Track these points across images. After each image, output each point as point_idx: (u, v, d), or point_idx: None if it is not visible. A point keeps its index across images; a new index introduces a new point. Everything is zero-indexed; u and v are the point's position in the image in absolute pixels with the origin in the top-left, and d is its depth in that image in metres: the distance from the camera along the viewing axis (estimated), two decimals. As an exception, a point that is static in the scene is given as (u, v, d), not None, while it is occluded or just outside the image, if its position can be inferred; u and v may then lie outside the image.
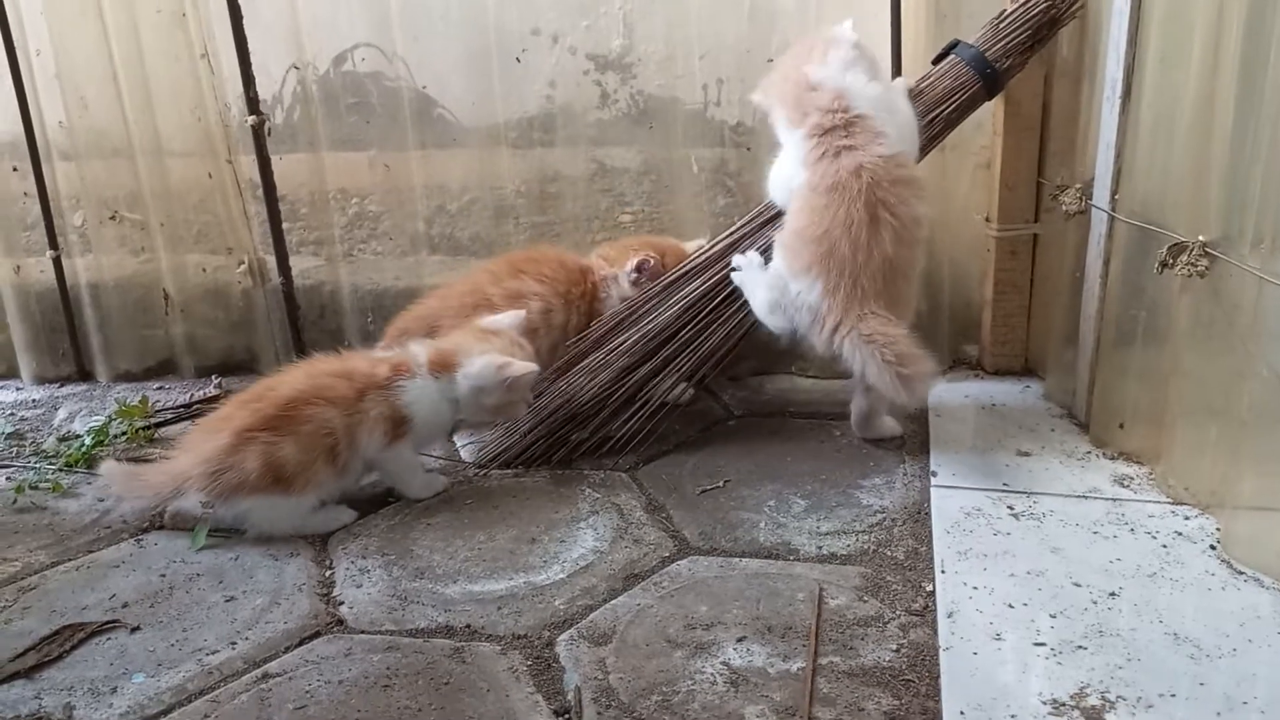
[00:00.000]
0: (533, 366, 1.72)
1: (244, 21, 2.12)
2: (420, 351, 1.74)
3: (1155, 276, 1.58)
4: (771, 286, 1.77)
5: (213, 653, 1.37)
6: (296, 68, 2.24)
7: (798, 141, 1.75)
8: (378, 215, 2.40)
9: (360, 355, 1.78)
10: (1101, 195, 1.74)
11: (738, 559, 1.54)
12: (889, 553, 1.53)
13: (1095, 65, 1.77)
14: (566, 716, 1.22)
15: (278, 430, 1.61)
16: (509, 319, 1.81)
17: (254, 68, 2.19)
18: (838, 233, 1.68)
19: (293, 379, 1.69)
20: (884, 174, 1.67)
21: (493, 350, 1.72)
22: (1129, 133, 1.68)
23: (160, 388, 2.34)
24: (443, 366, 1.72)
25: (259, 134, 2.17)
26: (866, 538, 1.57)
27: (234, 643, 1.39)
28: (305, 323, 2.34)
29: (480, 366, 1.70)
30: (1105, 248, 1.74)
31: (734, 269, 1.84)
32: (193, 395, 2.26)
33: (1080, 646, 1.26)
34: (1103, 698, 1.17)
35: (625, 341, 1.89)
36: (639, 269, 1.96)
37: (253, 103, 2.16)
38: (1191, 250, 1.48)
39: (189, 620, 1.45)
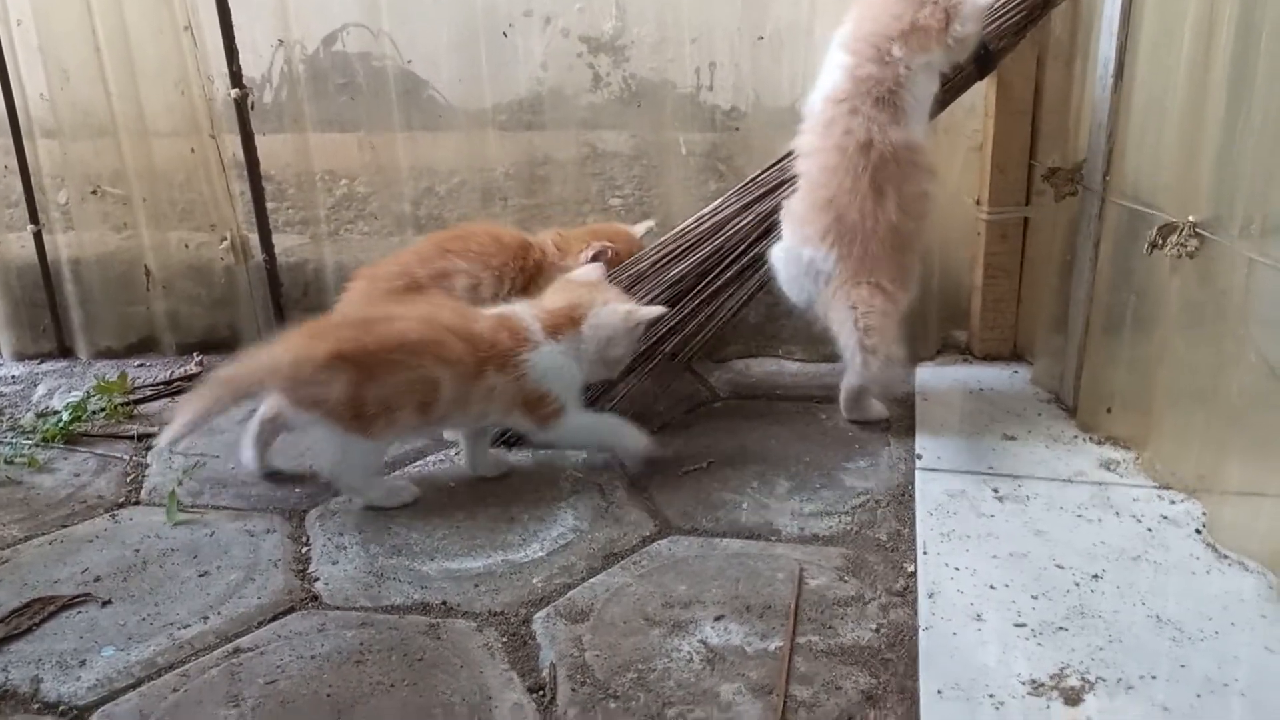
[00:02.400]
0: (660, 310, 1.69)
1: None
2: (526, 315, 1.65)
3: (1145, 260, 1.56)
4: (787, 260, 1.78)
5: (184, 627, 1.35)
6: (282, 42, 2.21)
7: (843, 72, 1.72)
8: (365, 196, 2.37)
9: (478, 313, 1.66)
10: (1093, 177, 1.73)
11: (719, 539, 1.52)
12: (871, 534, 1.51)
13: (1088, 46, 1.76)
14: (541, 693, 1.20)
15: (373, 370, 1.53)
16: (592, 271, 1.76)
17: (242, 46, 2.16)
18: (844, 200, 1.68)
19: (409, 322, 1.58)
20: (894, 157, 1.67)
21: (610, 299, 1.67)
22: (1121, 114, 1.66)
23: (141, 364, 2.32)
24: (562, 325, 1.64)
25: (242, 108, 2.15)
26: (849, 519, 1.56)
27: (206, 617, 1.37)
28: (288, 300, 2.32)
29: (608, 315, 1.65)
30: (1095, 230, 1.72)
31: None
32: (173, 372, 2.23)
33: (1061, 628, 1.25)
34: (1082, 679, 1.16)
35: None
36: (595, 259, 1.93)
37: (236, 76, 2.13)
38: (1181, 230, 1.47)
39: (161, 595, 1.43)
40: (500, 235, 1.96)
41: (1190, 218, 1.46)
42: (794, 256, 1.77)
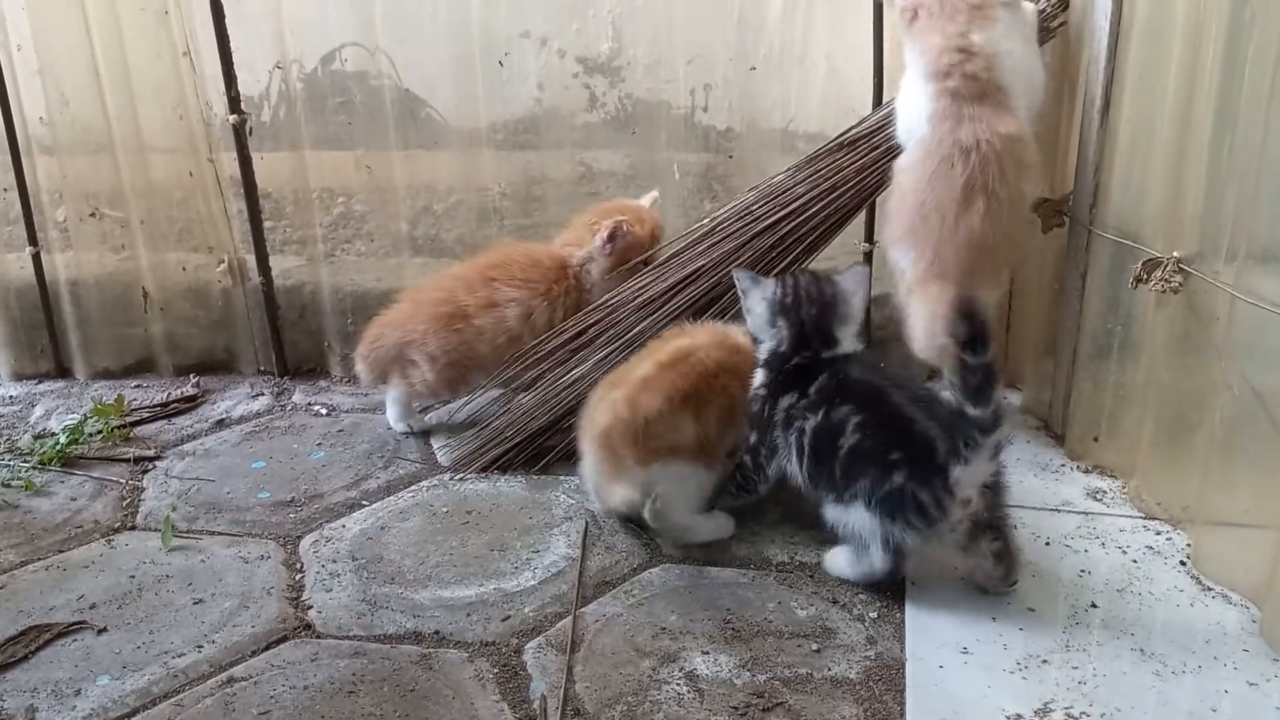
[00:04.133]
0: None
1: (226, 20, 2.11)
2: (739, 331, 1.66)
3: (1131, 292, 1.58)
4: None
5: (179, 655, 1.36)
6: (279, 67, 2.22)
7: (929, 94, 1.68)
8: (362, 216, 2.39)
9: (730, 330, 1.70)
10: (1080, 209, 1.75)
11: (710, 568, 1.54)
12: (860, 564, 1.53)
13: (1076, 80, 1.78)
14: (531, 725, 1.22)
15: (704, 401, 1.57)
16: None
17: (241, 66, 2.17)
18: (931, 205, 1.66)
19: (706, 349, 1.62)
20: (996, 156, 1.62)
21: None
22: (1107, 148, 1.68)
23: (139, 386, 2.33)
24: None
25: (240, 133, 2.16)
26: (839, 548, 1.57)
27: (200, 646, 1.38)
28: (285, 323, 2.33)
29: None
30: (1082, 261, 1.74)
31: None
32: (170, 394, 2.24)
33: (1045, 661, 1.27)
34: (1066, 714, 1.18)
35: (603, 345, 1.88)
36: (611, 238, 1.94)
37: (234, 101, 2.14)
38: (1166, 266, 1.49)
39: (156, 622, 1.44)
40: (537, 256, 1.99)
41: (1175, 253, 1.48)
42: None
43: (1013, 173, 1.64)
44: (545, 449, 1.87)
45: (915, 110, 1.71)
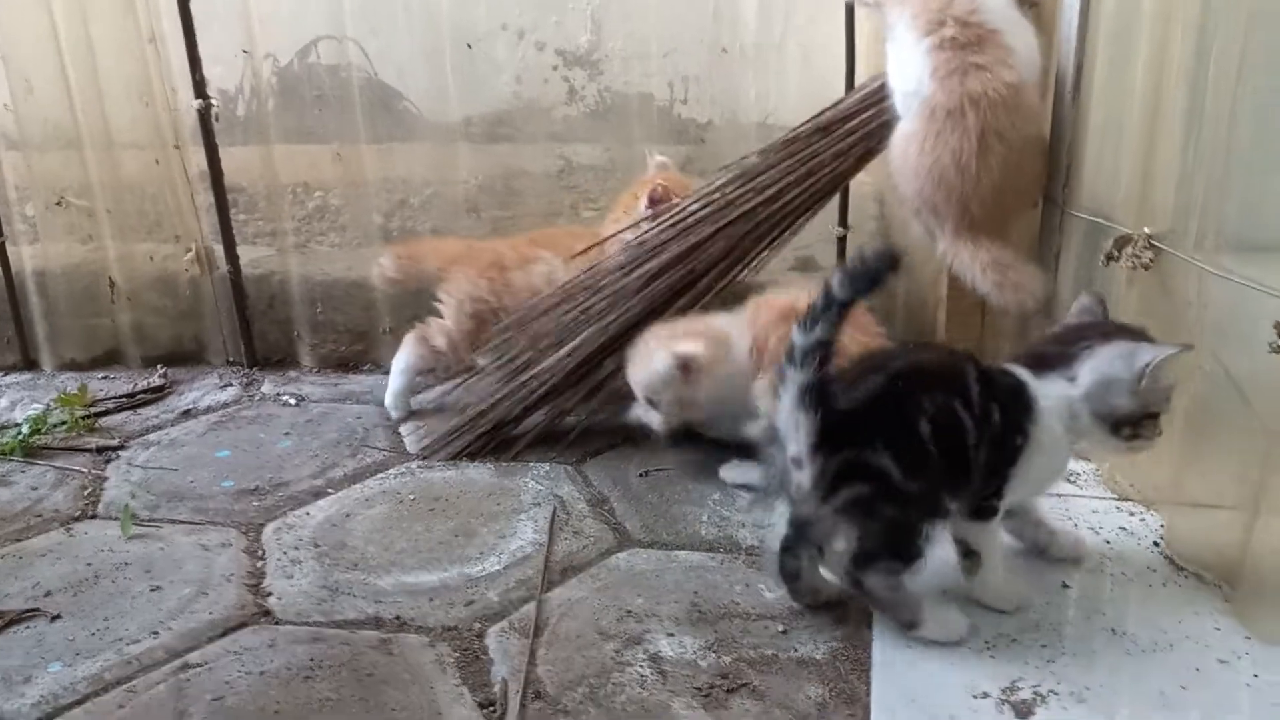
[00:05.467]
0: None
1: (191, 4, 2.08)
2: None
3: (1103, 271, 1.57)
4: None
5: (133, 642, 1.33)
6: (246, 51, 2.20)
7: (924, 52, 1.66)
8: (338, 208, 2.36)
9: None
10: (1053, 189, 1.74)
11: (678, 551, 1.51)
12: (831, 546, 1.51)
13: (1049, 61, 1.76)
14: (491, 708, 1.19)
15: None
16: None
17: (216, 61, 2.16)
18: (947, 160, 1.65)
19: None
20: (1003, 102, 1.62)
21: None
22: (1080, 127, 1.67)
23: (106, 377, 2.30)
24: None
25: (206, 118, 2.13)
26: (809, 532, 1.55)
27: (156, 632, 1.35)
28: (254, 313, 2.30)
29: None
30: (1056, 241, 1.73)
31: None
32: (136, 385, 2.21)
33: (1015, 640, 1.25)
34: (1034, 691, 1.16)
35: (578, 329, 1.85)
36: (651, 203, 1.93)
37: (199, 86, 2.11)
38: (1137, 242, 1.47)
39: (111, 610, 1.41)
40: (578, 235, 2.01)
41: (1145, 230, 1.46)
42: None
43: (1019, 117, 1.63)
44: (515, 436, 1.85)
45: (913, 73, 1.69)
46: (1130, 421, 1.27)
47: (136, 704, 1.21)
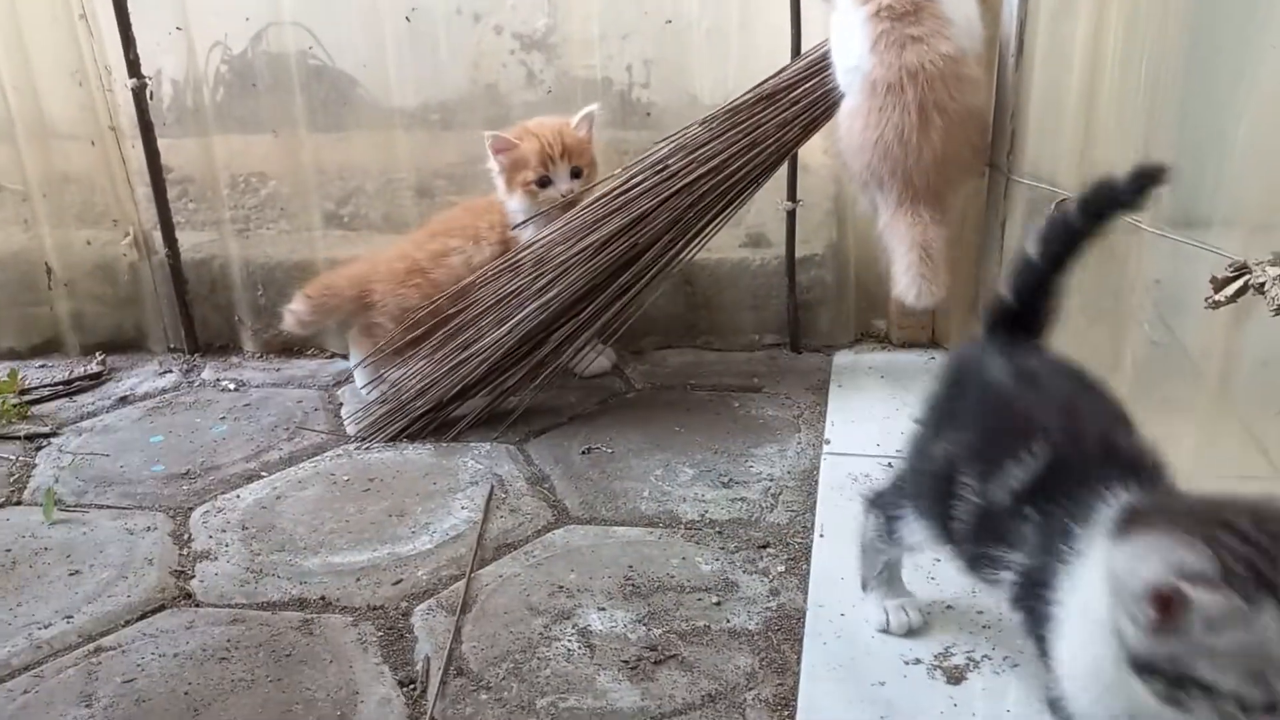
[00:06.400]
0: None
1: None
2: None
3: (1047, 237, 1.54)
4: None
5: (45, 627, 1.29)
6: (180, 28, 2.14)
7: (862, 22, 1.64)
8: (289, 198, 2.31)
9: None
10: (998, 156, 1.71)
11: (616, 527, 1.48)
12: (771, 518, 1.48)
13: (993, 30, 1.74)
14: (412, 686, 1.15)
15: None
16: None
17: (168, 48, 2.10)
18: (890, 136, 1.64)
19: None
20: (940, 75, 1.60)
21: None
22: (1022, 92, 1.64)
23: (43, 366, 2.24)
24: None
25: (140, 98, 2.08)
26: (750, 505, 1.52)
27: (70, 617, 1.31)
28: (195, 297, 2.25)
29: None
30: (1002, 209, 1.70)
31: None
32: (73, 372, 2.15)
33: (950, 607, 1.22)
34: (968, 657, 1.13)
35: (519, 307, 1.81)
36: (495, 152, 1.93)
37: (133, 65, 2.06)
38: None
39: (26, 595, 1.36)
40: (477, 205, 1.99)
41: (1087, 191, 1.44)
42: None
43: (957, 89, 1.62)
44: (457, 417, 1.81)
45: (854, 47, 1.67)
46: (1154, 672, 0.71)
47: (43, 689, 1.17)
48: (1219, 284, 1.12)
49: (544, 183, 1.88)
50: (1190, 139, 1.28)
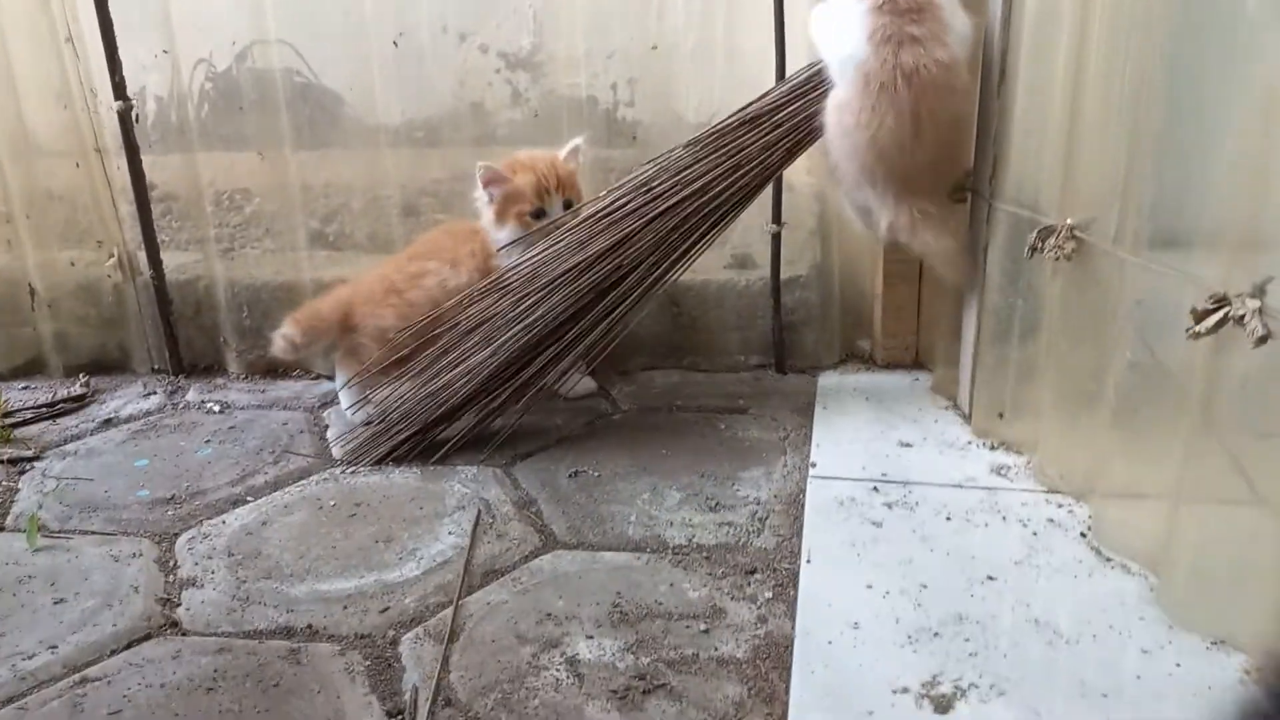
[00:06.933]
0: None
1: (109, 4, 2.02)
2: None
3: (1029, 264, 1.56)
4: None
5: (29, 657, 1.28)
6: (164, 49, 2.14)
7: (863, 12, 1.64)
8: (274, 215, 2.31)
9: None
10: (980, 182, 1.73)
11: (604, 553, 1.48)
12: (758, 543, 1.48)
13: (975, 53, 1.75)
14: (400, 717, 1.15)
15: None
16: None
17: (151, 66, 2.10)
18: (884, 139, 1.64)
19: None
20: (934, 83, 1.61)
21: None
22: (1005, 118, 1.66)
23: (26, 387, 2.23)
24: None
25: (126, 121, 2.07)
26: (737, 529, 1.52)
27: (55, 647, 1.30)
28: (179, 319, 2.24)
29: None
30: (984, 235, 1.72)
31: None
32: (56, 393, 2.14)
33: (937, 634, 1.23)
34: (955, 685, 1.14)
35: (502, 331, 1.81)
36: (484, 184, 1.92)
37: (119, 88, 2.05)
38: (1059, 233, 1.46)
39: (10, 624, 1.35)
40: (457, 229, 1.99)
41: (1068, 220, 1.45)
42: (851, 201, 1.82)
43: (950, 98, 1.64)
44: (443, 440, 1.81)
45: (851, 34, 1.66)
46: None
47: (28, 721, 1.16)
48: (1199, 316, 1.14)
49: (538, 215, 1.89)
50: (1171, 165, 1.29)
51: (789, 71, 1.93)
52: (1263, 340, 1.07)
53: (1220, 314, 1.12)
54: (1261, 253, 1.13)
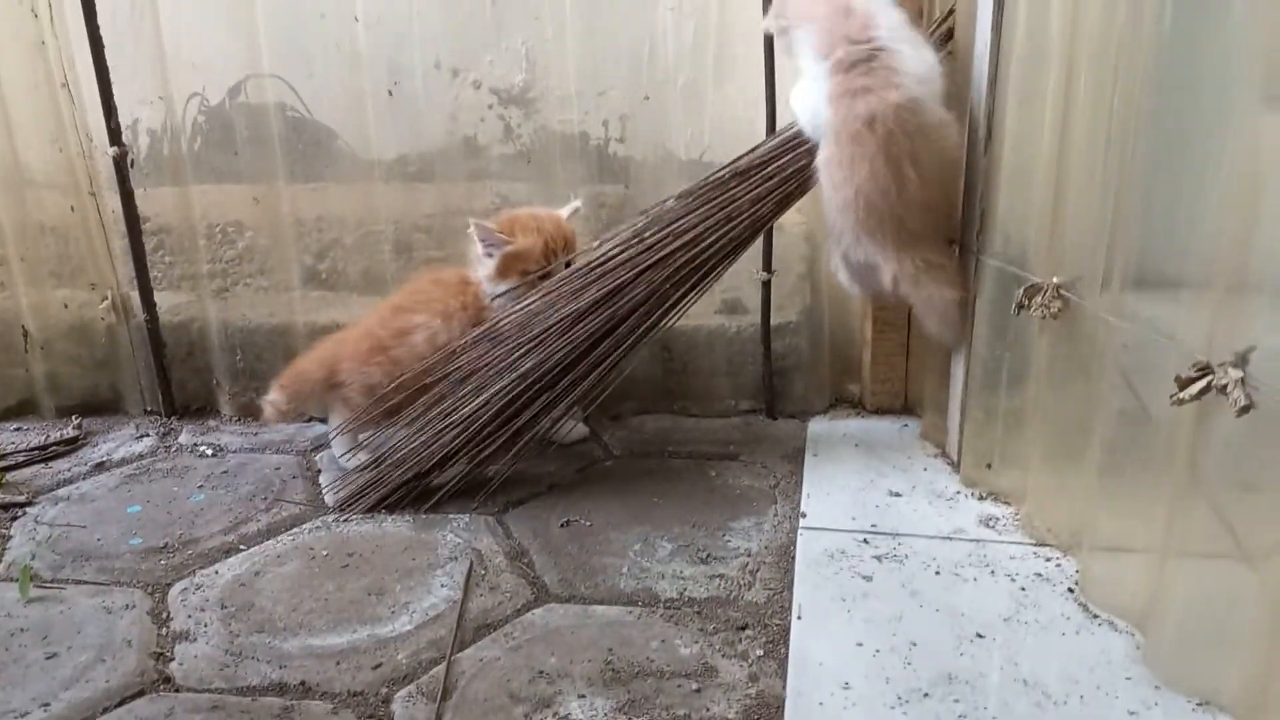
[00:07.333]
0: None
1: (105, 51, 2.04)
2: None
3: (1015, 320, 1.58)
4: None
5: (23, 715, 1.28)
6: (160, 97, 2.16)
7: (823, 75, 1.68)
8: (267, 250, 2.32)
9: None
10: (968, 235, 1.75)
11: (595, 606, 1.49)
12: (749, 597, 1.49)
13: (962, 109, 1.78)
14: (393, 779, 1.16)
15: None
16: None
17: (142, 99, 2.12)
18: (869, 187, 1.66)
19: None
20: (901, 127, 1.63)
21: None
22: (992, 175, 1.68)
23: (18, 429, 2.23)
24: None
25: (121, 165, 2.09)
26: (729, 581, 1.53)
27: (47, 704, 1.30)
28: (172, 360, 2.25)
29: None
30: (971, 288, 1.74)
31: None
32: (49, 436, 2.15)
33: (927, 695, 1.24)
34: (943, 749, 1.15)
35: (500, 372, 1.83)
36: (485, 245, 1.93)
37: (114, 134, 2.07)
38: (1046, 292, 1.49)
39: (3, 680, 1.35)
40: (445, 278, 1.99)
41: (1054, 279, 1.48)
42: (849, 262, 1.82)
43: (921, 138, 1.66)
44: (435, 487, 1.82)
45: (815, 100, 1.71)
46: None
47: (21, 783, 1.16)
48: (1183, 383, 1.16)
49: (544, 276, 1.91)
50: (1155, 223, 1.31)
51: (779, 125, 1.95)
52: (1245, 410, 1.09)
53: (1204, 382, 1.14)
54: (1243, 316, 1.15)
